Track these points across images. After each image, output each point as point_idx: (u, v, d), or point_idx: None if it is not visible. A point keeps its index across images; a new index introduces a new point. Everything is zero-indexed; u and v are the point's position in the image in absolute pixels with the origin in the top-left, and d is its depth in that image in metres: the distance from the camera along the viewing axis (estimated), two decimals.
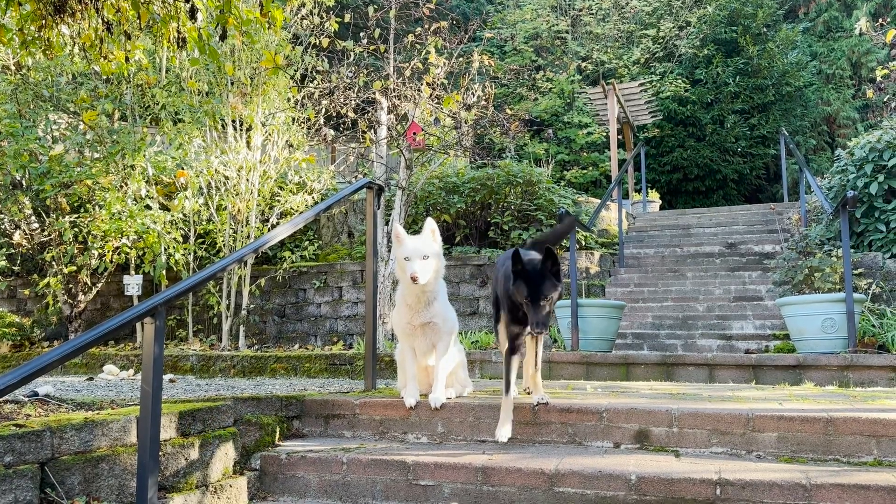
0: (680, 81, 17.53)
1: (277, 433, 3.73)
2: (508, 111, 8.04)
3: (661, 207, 15.01)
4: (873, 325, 6.14)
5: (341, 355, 7.14)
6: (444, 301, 3.87)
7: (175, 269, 8.66)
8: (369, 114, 8.28)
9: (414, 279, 3.50)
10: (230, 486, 3.21)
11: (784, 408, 3.50)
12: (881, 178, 7.43)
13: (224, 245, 8.81)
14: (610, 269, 9.43)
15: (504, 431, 3.50)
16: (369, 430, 3.86)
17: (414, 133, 7.61)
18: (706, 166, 17.66)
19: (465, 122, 7.46)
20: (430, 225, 3.69)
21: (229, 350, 8.34)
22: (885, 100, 16.17)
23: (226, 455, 3.28)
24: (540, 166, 12.15)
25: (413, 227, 9.46)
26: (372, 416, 3.86)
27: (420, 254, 3.56)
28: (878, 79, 6.31)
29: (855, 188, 7.50)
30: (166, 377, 6.41)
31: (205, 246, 9.24)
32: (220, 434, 3.26)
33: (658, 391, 4.48)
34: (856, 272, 6.67)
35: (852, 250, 7.24)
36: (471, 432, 3.71)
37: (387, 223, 8.16)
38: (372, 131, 8.31)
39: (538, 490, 3.10)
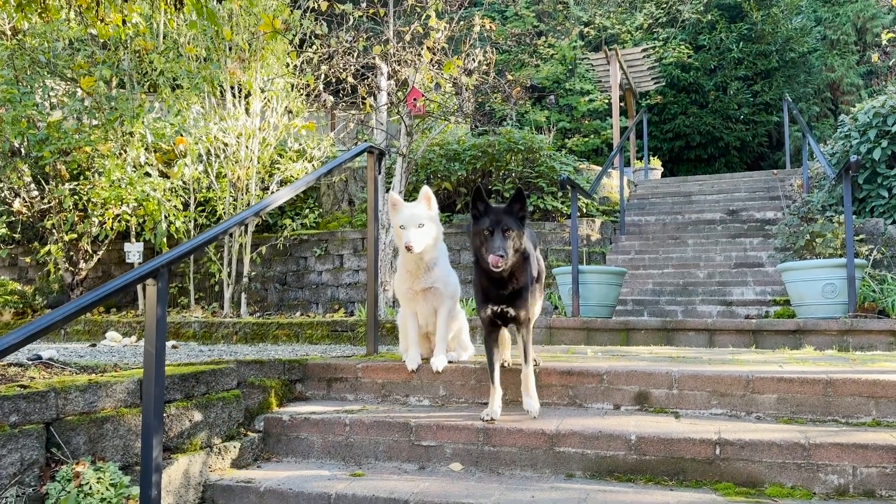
0: (683, 47, 17.34)
1: (281, 396, 3.76)
2: (510, 77, 7.94)
3: (663, 175, 14.94)
4: (873, 291, 6.15)
5: (343, 322, 7.16)
6: (445, 266, 3.85)
7: (176, 236, 8.65)
8: (369, 79, 8.20)
9: (409, 247, 3.48)
10: (234, 447, 3.24)
11: (784, 370, 3.52)
12: (884, 143, 7.38)
13: (224, 212, 8.79)
14: (611, 237, 9.42)
15: (490, 412, 3.32)
16: (371, 394, 3.88)
17: (414, 99, 7.54)
18: (708, 133, 17.55)
19: (466, 88, 7.38)
20: (426, 192, 3.62)
21: (231, 317, 8.38)
22: (890, 64, 16.02)
23: (229, 417, 3.30)
24: (541, 134, 12.07)
25: (413, 195, 9.39)
26: (374, 379, 3.88)
27: (415, 221, 3.52)
28: (885, 43, 6.21)
29: (858, 154, 7.46)
30: (169, 343, 6.43)
31: (205, 214, 9.23)
32: (223, 396, 3.29)
33: (658, 355, 4.50)
34: (857, 238, 6.66)
35: (854, 216, 7.22)
36: (472, 395, 3.73)
37: (387, 190, 8.13)
38: (372, 97, 8.23)
39: (539, 450, 3.13)
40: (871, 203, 7.55)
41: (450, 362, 3.81)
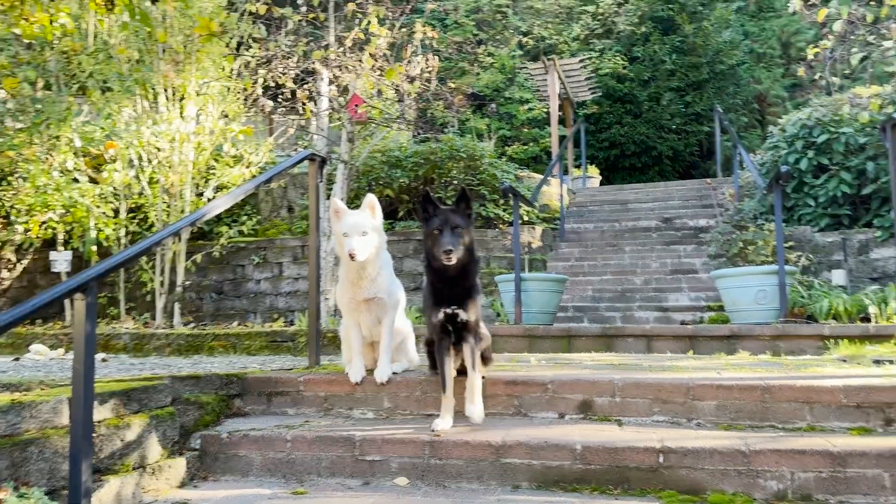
0: (618, 58, 17.76)
1: (218, 412, 3.63)
2: (451, 84, 7.95)
3: (601, 183, 15.23)
4: (802, 296, 6.38)
5: (282, 332, 7.02)
6: (389, 275, 3.78)
7: (106, 244, 8.33)
8: (309, 84, 8.07)
9: (352, 256, 3.39)
10: (169, 466, 3.10)
11: (722, 377, 3.60)
12: (811, 154, 7.69)
13: (157, 220, 8.50)
14: (551, 244, 9.53)
15: (443, 423, 3.31)
16: (314, 407, 3.79)
17: (356, 105, 7.46)
18: (642, 143, 18.01)
19: (409, 95, 7.35)
20: (370, 200, 3.53)
21: (164, 328, 8.10)
22: (814, 77, 16.77)
23: (164, 435, 3.16)
24: (482, 141, 12.13)
25: (355, 202, 9.31)
26: (316, 392, 3.79)
27: (359, 230, 3.44)
28: (810, 56, 6.47)
29: (786, 164, 7.74)
30: (98, 356, 6.17)
31: (136, 221, 8.91)
32: (157, 414, 3.15)
33: (600, 362, 4.55)
34: (786, 245, 6.90)
35: (783, 224, 7.49)
36: (417, 406, 3.68)
37: (328, 197, 8.01)
38: (312, 103, 8.11)
39: (485, 462, 3.10)
40: (799, 211, 7.85)
41: (394, 373, 3.75)
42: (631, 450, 2.99)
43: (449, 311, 3.33)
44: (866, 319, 5.81)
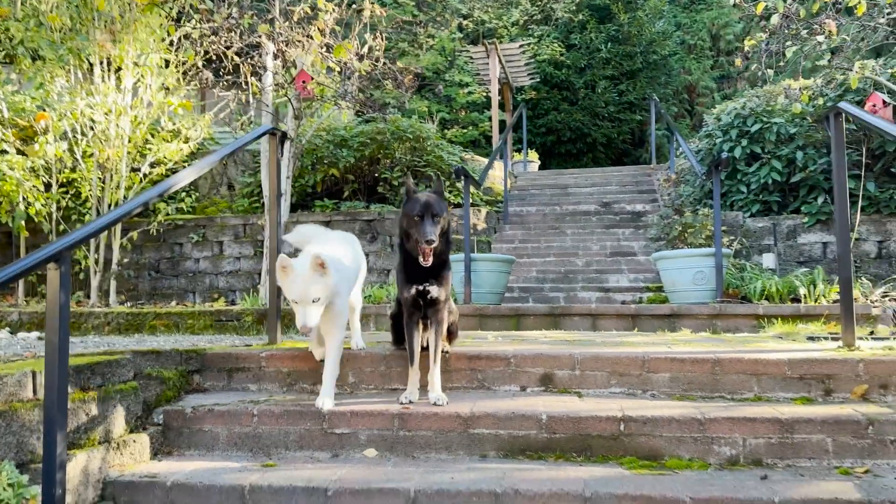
0: (556, 45, 18.01)
1: (178, 388, 3.57)
2: (400, 64, 7.92)
3: (540, 168, 15.47)
4: (736, 279, 6.70)
5: (228, 311, 6.88)
6: (344, 301, 3.45)
7: (36, 219, 7.96)
8: (254, 59, 7.89)
9: (302, 330, 3.10)
10: (133, 441, 3.05)
11: (674, 350, 3.77)
12: (744, 142, 8.04)
13: (91, 195, 8.17)
14: (495, 226, 9.66)
15: (411, 396, 3.41)
16: (276, 383, 3.77)
17: (303, 81, 7.35)
18: (578, 129, 18.37)
19: (359, 73, 7.28)
20: (318, 258, 3.10)
21: (100, 307, 7.82)
22: (743, 70, 17.43)
23: (128, 410, 3.10)
24: (427, 123, 12.14)
25: (299, 180, 9.22)
26: (279, 368, 3.77)
27: (310, 297, 3.08)
28: (746, 48, 6.76)
29: (721, 152, 8.07)
30: (33, 334, 5.94)
31: (69, 196, 8.54)
32: (120, 389, 3.08)
33: (553, 339, 4.68)
34: (721, 230, 7.21)
35: None
36: (382, 381, 3.72)
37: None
38: (256, 77, 7.93)
39: (454, 433, 3.17)
40: (732, 197, 8.21)
41: (361, 347, 3.85)
42: (594, 419, 3.12)
43: (421, 287, 3.38)
44: (796, 300, 6.16)
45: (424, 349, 3.61)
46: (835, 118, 3.70)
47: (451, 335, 3.77)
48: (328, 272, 3.13)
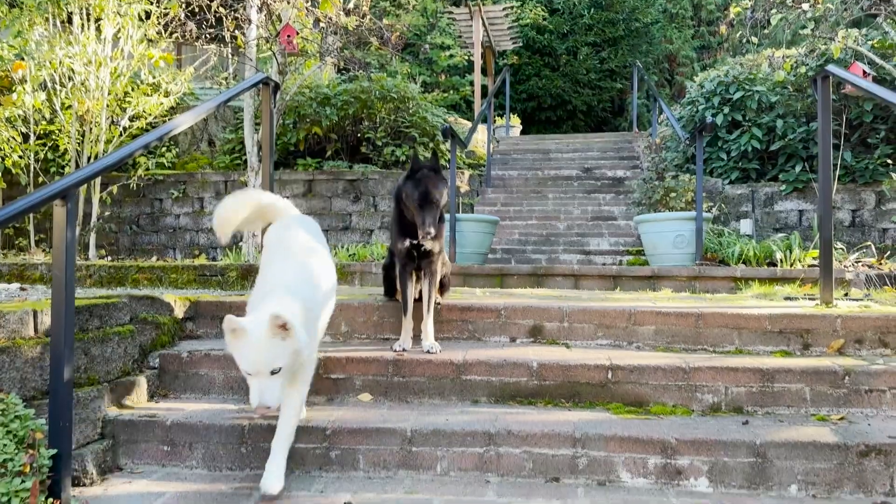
0: (539, 9, 17.89)
1: (172, 334, 3.60)
2: (387, 22, 7.84)
3: (521, 133, 15.47)
4: (714, 244, 6.84)
5: (211, 266, 6.87)
6: (311, 362, 2.72)
7: (13, 171, 7.83)
8: (238, 11, 7.76)
9: (261, 413, 2.47)
10: (131, 382, 3.09)
11: (658, 305, 3.88)
12: (726, 110, 8.14)
13: (70, 147, 8.05)
14: (478, 189, 9.70)
15: (405, 344, 3.49)
16: None
17: (288, 35, 7.25)
18: (559, 96, 18.36)
19: (344, 28, 7.21)
20: (277, 319, 2.32)
21: (80, 261, 7.76)
22: (720, 41, 17.52)
23: (125, 352, 3.13)
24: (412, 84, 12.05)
25: (282, 138, 9.14)
26: None
27: (268, 367, 2.33)
28: (732, 16, 6.82)
29: (704, 118, 8.15)
30: (14, 285, 5.88)
31: (47, 148, 8.40)
32: (118, 331, 3.11)
33: (541, 295, 4.77)
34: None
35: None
36: (374, 331, 3.79)
37: (257, 132, 7.81)
38: (240, 31, 7.81)
39: (447, 379, 3.25)
40: (712, 164, 8.33)
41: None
42: (582, 367, 3.22)
43: (415, 241, 3.43)
44: (772, 264, 6.32)
45: (417, 300, 3.67)
46: (822, 81, 3.78)
47: (443, 288, 3.83)
48: (293, 334, 2.35)
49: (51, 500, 2.30)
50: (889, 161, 7.49)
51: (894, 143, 7.68)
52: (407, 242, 3.44)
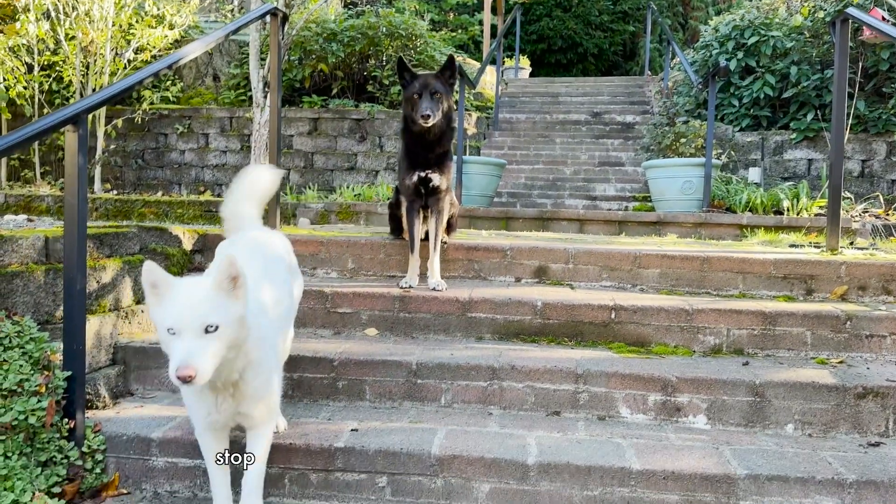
0: None
1: (181, 265, 3.64)
2: None
3: (530, 75, 15.23)
4: (721, 191, 6.81)
5: (217, 202, 6.89)
6: (266, 370, 2.09)
7: (18, 102, 7.77)
8: None
9: (183, 378, 1.73)
10: (141, 311, 3.14)
11: (664, 248, 3.90)
12: (740, 55, 7.99)
13: (74, 78, 7.97)
14: (485, 132, 9.62)
15: (411, 280, 3.50)
16: None
17: None
18: (570, 38, 18.00)
19: None
20: (230, 270, 1.85)
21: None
22: None
23: (135, 281, 3.17)
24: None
25: (287, 74, 9.01)
26: None
27: (202, 320, 1.79)
28: None
29: (717, 63, 8.01)
30: (21, 216, 5.92)
31: (51, 80, 8.32)
32: (128, 260, 3.13)
33: (546, 238, 4.78)
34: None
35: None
36: (381, 268, 3.82)
37: (262, 66, 7.70)
38: None
39: (452, 316, 3.29)
40: (723, 111, 8.23)
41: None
42: (586, 307, 3.25)
43: (423, 174, 3.43)
44: (779, 213, 6.30)
45: (423, 240, 3.69)
46: (841, 24, 3.71)
47: (449, 228, 3.85)
48: (242, 294, 1.89)
49: (65, 420, 2.37)
50: None
51: None
52: (415, 177, 3.44)
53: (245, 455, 2.15)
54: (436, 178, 3.46)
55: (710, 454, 2.41)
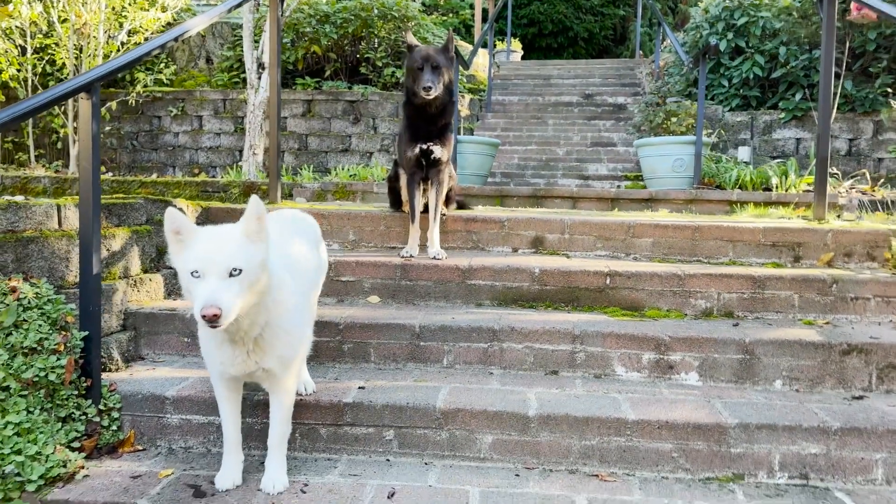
0: None
1: None
2: None
3: (522, 59, 15.28)
4: (711, 169, 6.92)
5: (214, 183, 6.94)
6: (287, 324, 2.14)
7: (11, 84, 7.77)
8: None
9: (208, 318, 1.80)
10: (149, 280, 3.21)
11: (657, 219, 4.00)
12: (730, 35, 8.09)
13: (67, 61, 7.97)
14: (478, 114, 9.68)
15: (412, 250, 3.60)
16: None
17: None
18: (560, 22, 18.05)
19: None
20: (256, 209, 1.95)
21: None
22: None
23: (143, 251, 3.25)
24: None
25: (282, 55, 9.03)
26: None
27: (223, 266, 1.86)
28: None
29: (707, 43, 8.11)
30: (19, 198, 5.96)
31: (44, 62, 8.31)
32: (136, 230, 3.21)
33: (543, 212, 4.88)
34: None
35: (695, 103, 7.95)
36: (381, 240, 3.91)
37: (256, 48, 7.74)
38: None
39: (452, 283, 3.39)
40: (714, 91, 8.33)
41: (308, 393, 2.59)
42: (582, 273, 3.36)
43: (425, 146, 3.52)
44: (768, 189, 6.41)
45: (423, 212, 3.78)
46: (829, 2, 3.81)
47: (448, 200, 3.94)
48: (262, 233, 1.96)
49: (83, 378, 2.45)
50: (889, 90, 7.50)
51: (895, 73, 7.68)
52: (416, 149, 3.52)
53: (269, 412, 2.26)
54: (437, 150, 3.54)
55: (702, 406, 2.52)
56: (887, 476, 2.34)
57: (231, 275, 1.86)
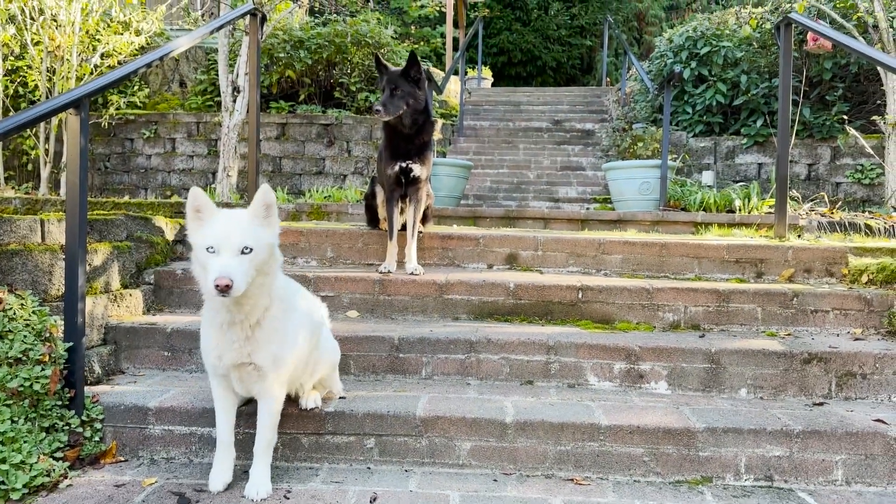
0: None
1: (165, 254, 3.75)
2: None
3: (492, 86, 15.56)
4: (677, 192, 7.13)
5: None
6: (284, 314, 2.25)
7: None
8: None
9: (221, 287, 1.97)
10: (129, 295, 3.24)
11: (626, 237, 4.14)
12: (693, 64, 8.38)
13: (40, 83, 7.95)
14: (450, 138, 9.84)
15: (389, 266, 3.67)
16: None
17: None
18: (529, 52, 18.44)
19: None
20: (266, 197, 2.13)
21: (53, 196, 7.74)
22: (689, 2, 17.71)
23: (123, 267, 3.28)
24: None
25: None
26: None
27: (236, 243, 2.03)
28: None
29: (671, 72, 8.39)
30: None
31: (16, 84, 8.28)
32: (117, 246, 3.24)
33: (516, 231, 5.00)
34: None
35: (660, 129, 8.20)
36: (359, 256, 3.98)
37: (231, 72, 7.81)
38: None
39: (430, 298, 3.48)
40: (678, 118, 8.60)
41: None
42: (555, 287, 3.47)
43: (404, 164, 3.61)
44: (731, 211, 6.63)
45: (401, 230, 3.87)
46: (785, 28, 4.02)
47: (425, 218, 4.03)
48: (271, 218, 2.15)
49: (66, 389, 2.48)
50: (845, 117, 7.83)
51: (851, 101, 8.02)
52: (396, 167, 3.62)
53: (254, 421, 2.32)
54: (416, 168, 3.64)
55: (672, 412, 2.63)
56: (847, 477, 2.46)
57: (242, 252, 2.04)
